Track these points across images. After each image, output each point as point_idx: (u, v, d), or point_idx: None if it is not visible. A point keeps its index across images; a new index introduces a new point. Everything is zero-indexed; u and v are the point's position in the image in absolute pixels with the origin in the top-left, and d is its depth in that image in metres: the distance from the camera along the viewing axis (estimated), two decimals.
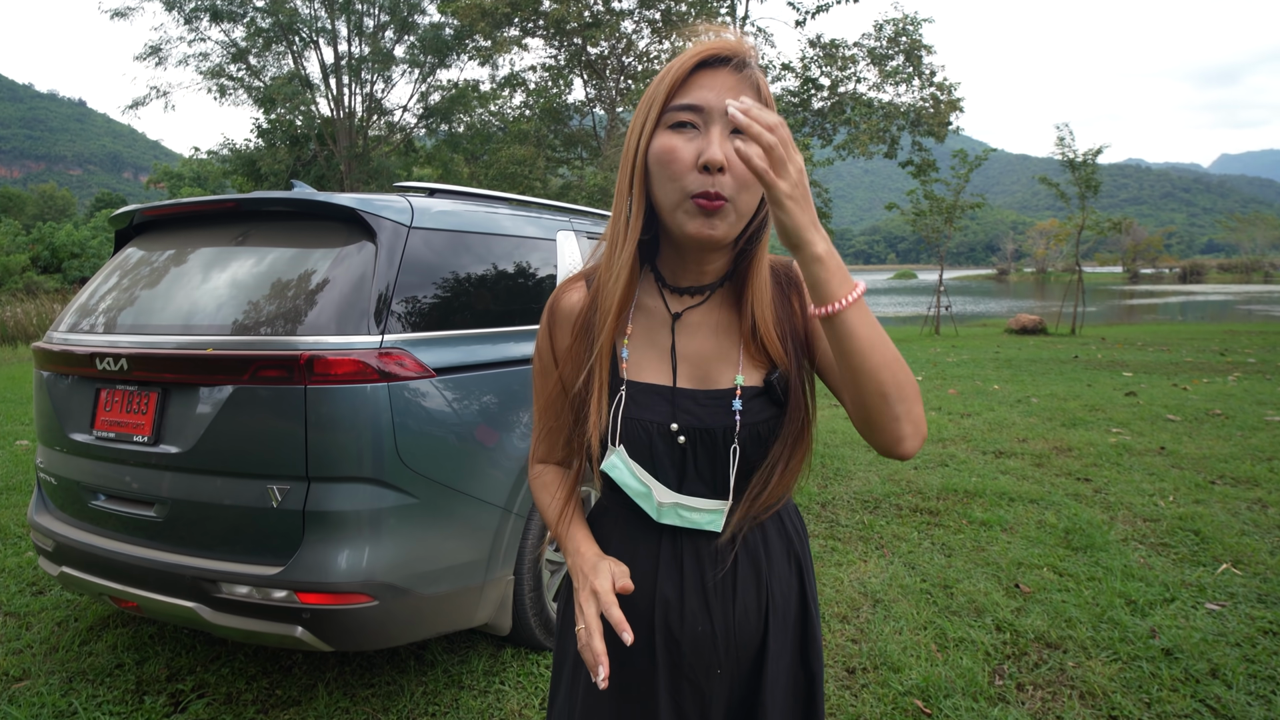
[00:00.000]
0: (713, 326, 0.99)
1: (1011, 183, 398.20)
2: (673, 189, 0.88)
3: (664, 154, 0.88)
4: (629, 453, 0.96)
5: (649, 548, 0.99)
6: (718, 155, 0.84)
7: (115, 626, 2.79)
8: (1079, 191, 18.45)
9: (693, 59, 0.88)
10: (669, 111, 0.88)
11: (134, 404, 2.24)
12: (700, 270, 0.98)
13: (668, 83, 0.88)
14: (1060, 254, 34.21)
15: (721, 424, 0.95)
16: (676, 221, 0.89)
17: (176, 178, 47.57)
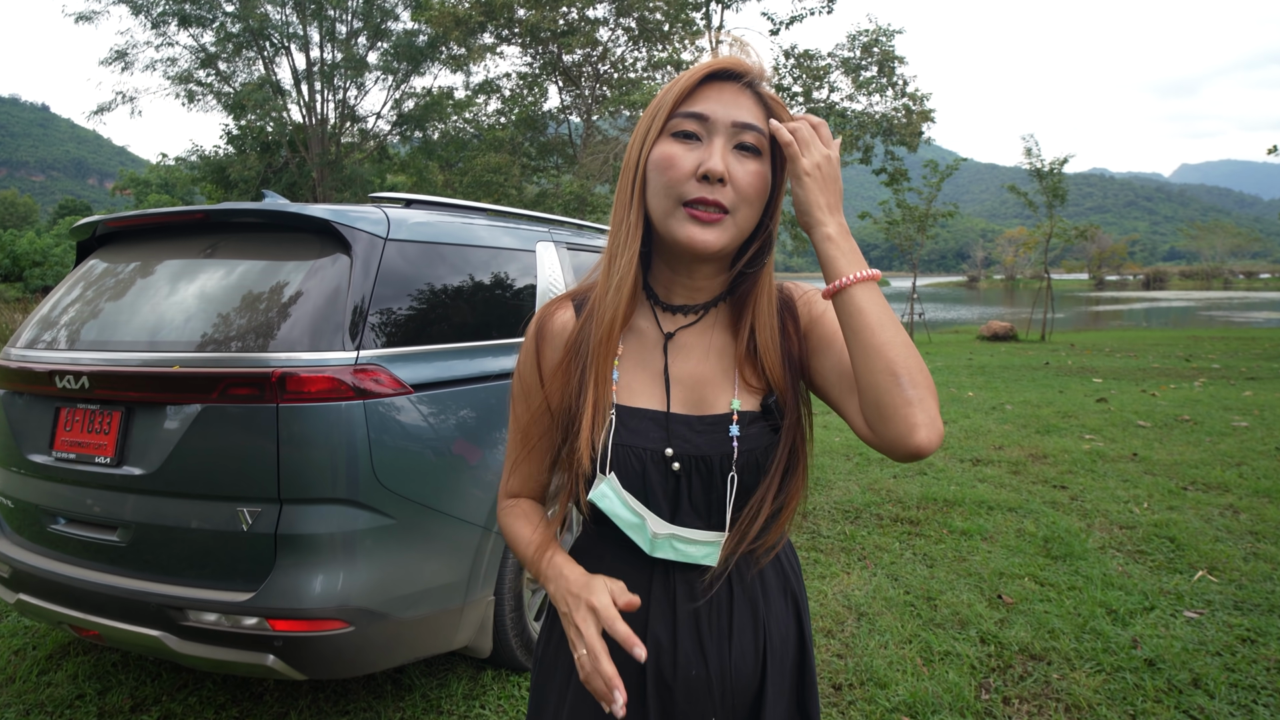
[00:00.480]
0: (706, 349, 0.95)
1: (980, 191, 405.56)
2: (667, 196, 0.86)
3: (662, 160, 0.86)
4: (620, 482, 0.90)
5: (638, 584, 0.92)
6: (719, 165, 0.83)
7: (76, 655, 2.67)
8: (1047, 200, 18.83)
9: (703, 70, 0.87)
10: (673, 119, 0.86)
11: (96, 424, 2.15)
12: (694, 287, 0.94)
13: (675, 91, 0.87)
14: (1029, 261, 34.86)
15: (718, 451, 0.91)
16: (669, 229, 0.86)
17: (143, 184, 46.64)
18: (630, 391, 0.94)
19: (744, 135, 0.86)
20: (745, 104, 0.87)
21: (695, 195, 0.84)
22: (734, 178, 0.84)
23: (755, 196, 0.86)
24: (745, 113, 0.86)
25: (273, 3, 20.49)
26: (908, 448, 0.80)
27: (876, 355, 0.80)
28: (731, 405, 0.92)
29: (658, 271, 0.96)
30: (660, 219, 0.87)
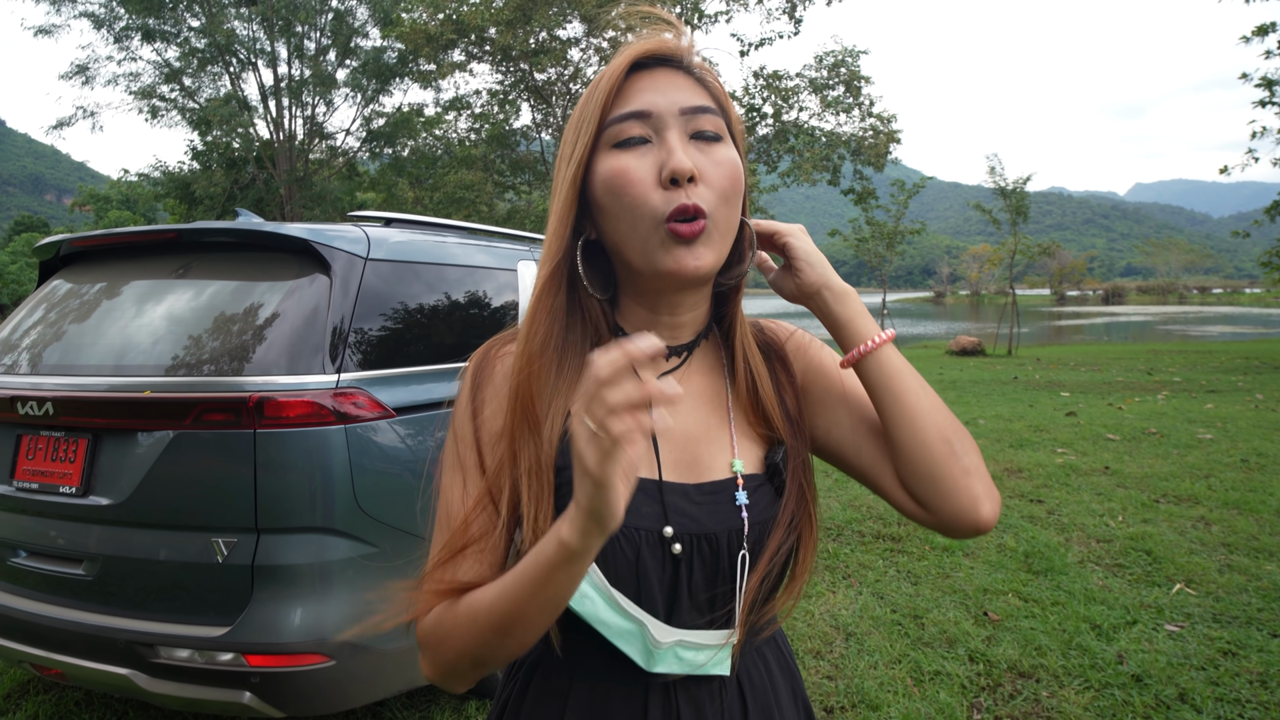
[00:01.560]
0: (695, 397, 0.79)
1: (945, 209, 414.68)
2: (636, 219, 0.69)
3: (614, 178, 0.70)
4: (606, 575, 0.70)
5: (630, 708, 0.72)
6: (684, 161, 0.68)
7: (36, 694, 2.54)
8: (1010, 218, 19.30)
9: (625, 62, 0.72)
10: (609, 128, 0.71)
11: (60, 451, 2.05)
12: (676, 322, 0.78)
13: (600, 95, 0.71)
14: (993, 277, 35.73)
15: (725, 526, 0.73)
16: (650, 260, 0.70)
17: (104, 200, 45.65)
18: None
19: (699, 121, 0.71)
20: (686, 86, 0.73)
21: (671, 208, 0.68)
22: (704, 173, 0.70)
23: (732, 190, 0.72)
24: (690, 95, 0.72)
25: (239, 18, 20.29)
26: (973, 524, 0.72)
27: (925, 421, 0.72)
28: (734, 467, 0.76)
29: (628, 310, 0.79)
30: (630, 249, 0.71)
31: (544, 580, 0.60)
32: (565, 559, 0.58)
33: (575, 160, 0.72)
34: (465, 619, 0.66)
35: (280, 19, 19.75)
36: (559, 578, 0.59)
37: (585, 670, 0.74)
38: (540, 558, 0.60)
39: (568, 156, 0.73)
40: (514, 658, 0.68)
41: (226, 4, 20.04)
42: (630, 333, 0.78)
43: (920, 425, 0.72)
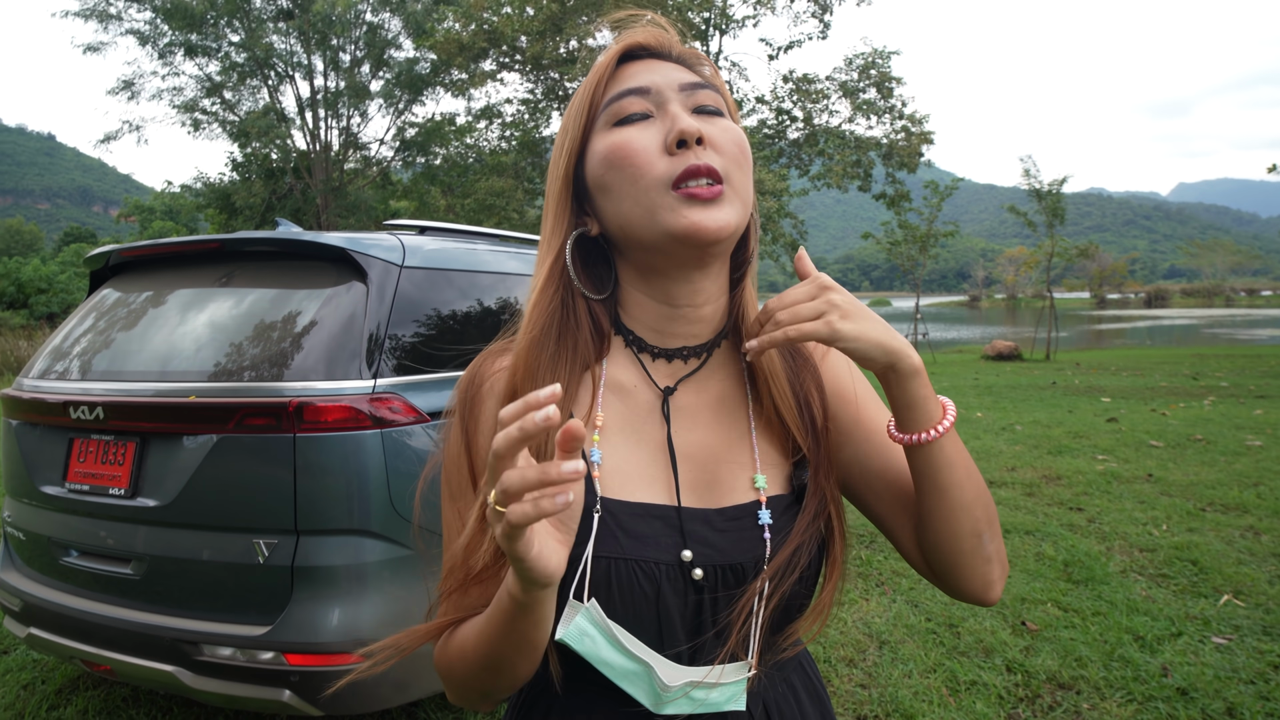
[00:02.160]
0: (713, 406, 0.73)
1: (980, 211, 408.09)
2: (640, 189, 0.65)
3: (614, 151, 0.66)
4: (618, 608, 0.64)
5: None
6: (691, 123, 0.65)
7: (86, 689, 2.62)
8: (1046, 220, 18.92)
9: (615, 51, 0.71)
10: (607, 107, 0.68)
11: (110, 454, 2.13)
12: (695, 315, 0.72)
13: (591, 82, 0.70)
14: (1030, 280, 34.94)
15: (750, 554, 0.67)
16: (662, 226, 0.65)
17: (148, 211, 47.07)
18: (622, 477, 0.68)
19: (698, 96, 0.69)
20: (680, 69, 0.71)
21: (682, 168, 0.64)
22: (713, 139, 0.66)
23: (742, 158, 0.68)
24: (687, 74, 0.71)
25: (278, 33, 20.81)
26: (980, 601, 0.72)
27: (964, 515, 0.68)
28: (757, 484, 0.70)
29: (636, 309, 0.73)
30: (640, 223, 0.66)
31: (508, 627, 0.59)
32: (517, 609, 0.57)
33: (568, 151, 0.70)
34: (458, 655, 0.66)
35: (317, 32, 20.21)
36: (520, 625, 0.58)
37: (594, 699, 0.68)
38: (499, 606, 0.59)
39: (560, 151, 0.71)
40: (515, 688, 0.66)
41: (265, 19, 20.58)
42: (640, 333, 0.73)
43: (957, 520, 0.68)
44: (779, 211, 14.45)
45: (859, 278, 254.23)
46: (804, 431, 0.73)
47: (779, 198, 14.10)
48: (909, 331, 19.69)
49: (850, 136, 16.51)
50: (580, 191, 0.72)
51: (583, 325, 0.71)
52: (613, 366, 0.73)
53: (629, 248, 0.71)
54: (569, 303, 0.71)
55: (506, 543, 0.50)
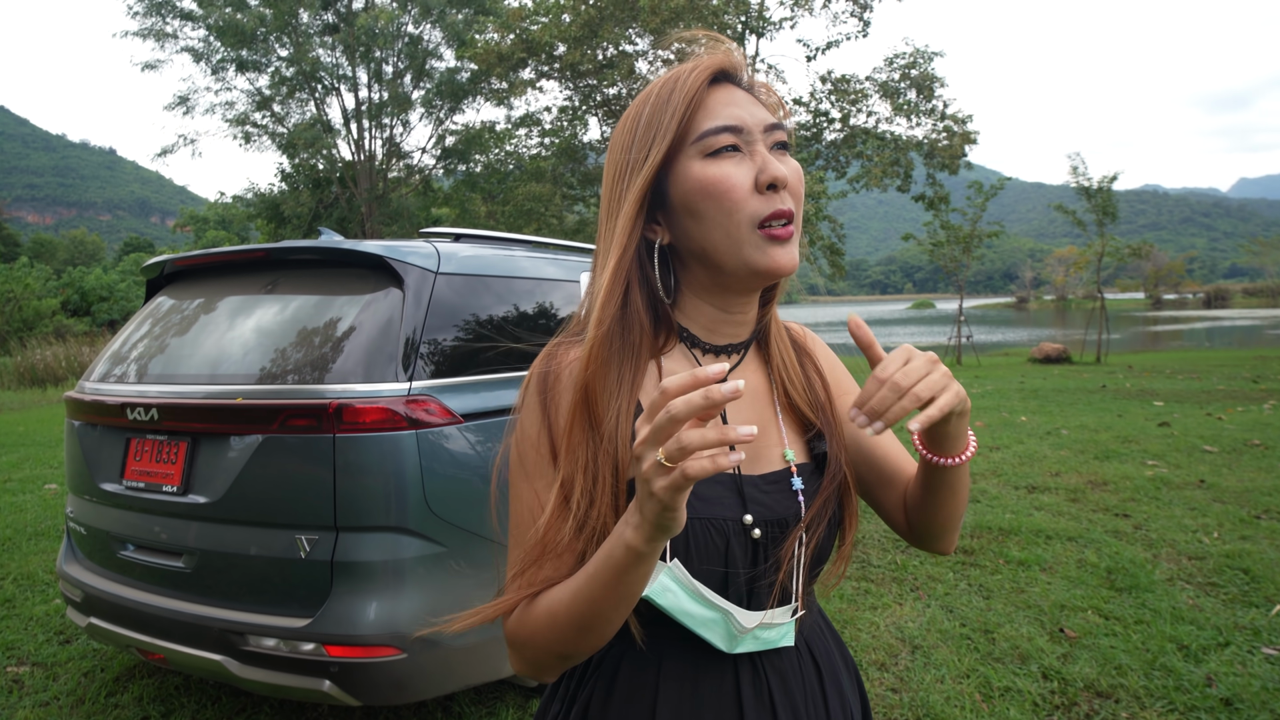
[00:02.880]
0: (752, 394, 0.85)
1: (1027, 210, 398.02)
2: (733, 223, 0.74)
3: (714, 185, 0.74)
4: (694, 562, 0.75)
5: (725, 694, 0.77)
6: (782, 170, 0.74)
7: (141, 678, 2.76)
8: (1096, 218, 18.37)
9: (705, 73, 0.77)
10: (703, 138, 0.75)
11: (164, 454, 2.24)
12: (742, 320, 0.84)
13: (682, 104, 0.75)
14: (1080, 281, 33.94)
15: (790, 511, 0.80)
16: (743, 259, 0.75)
17: (202, 221, 48.80)
18: None
19: (776, 135, 0.78)
20: (755, 103, 0.79)
21: (769, 211, 0.74)
22: (786, 180, 0.76)
23: (803, 193, 0.79)
24: (765, 112, 0.79)
25: (324, 47, 21.41)
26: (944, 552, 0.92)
27: (949, 515, 0.85)
28: (786, 457, 0.84)
29: (693, 310, 0.83)
30: (723, 251, 0.76)
31: (615, 581, 0.64)
32: (633, 561, 0.62)
33: (650, 163, 0.76)
34: (545, 619, 0.71)
35: (361, 45, 20.73)
36: (629, 578, 0.64)
37: (671, 659, 0.77)
38: (610, 561, 0.64)
39: (639, 161, 0.76)
40: (596, 650, 0.72)
41: (312, 33, 21.20)
42: (694, 331, 0.83)
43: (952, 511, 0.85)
44: (816, 214, 14.34)
45: (901, 280, 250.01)
46: (815, 411, 0.87)
47: (816, 200, 13.98)
48: (951, 334, 19.31)
49: (890, 137, 16.29)
50: (654, 203, 0.79)
51: (646, 321, 0.80)
52: (669, 361, 0.83)
53: (702, 264, 0.80)
54: (633, 300, 0.80)
55: (671, 495, 0.56)
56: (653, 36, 16.75)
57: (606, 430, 0.75)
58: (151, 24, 19.96)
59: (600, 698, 0.79)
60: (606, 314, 0.77)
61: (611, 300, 0.77)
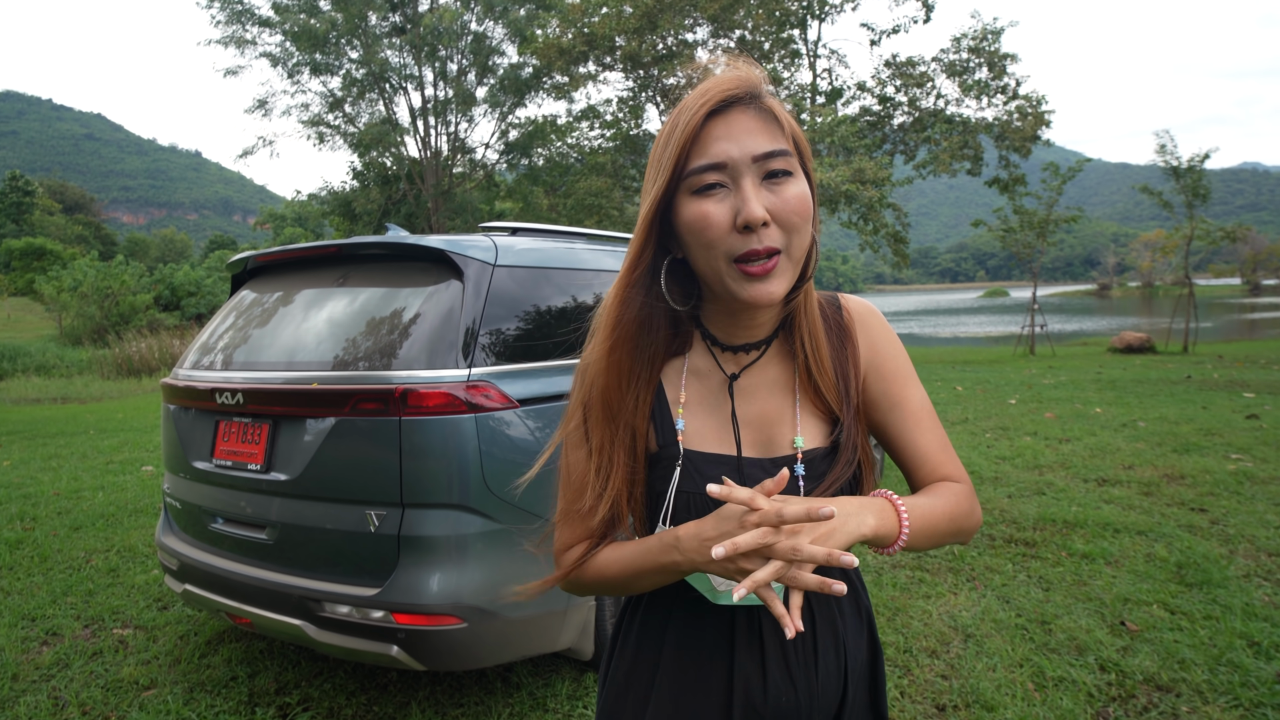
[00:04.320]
0: (770, 385, 0.92)
1: (1111, 193, 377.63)
2: (712, 256, 0.81)
3: (696, 223, 0.80)
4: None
5: (720, 621, 0.90)
6: (758, 212, 0.78)
7: (230, 641, 2.99)
8: (1185, 200, 17.35)
9: (702, 110, 0.79)
10: (690, 176, 0.80)
11: (248, 435, 2.43)
12: (754, 325, 0.91)
13: (678, 143, 0.80)
14: (1168, 266, 32.02)
15: (791, 493, 0.87)
16: (726, 289, 0.82)
17: (280, 219, 51.06)
18: (700, 437, 0.91)
19: (770, 163, 0.80)
20: (756, 128, 0.80)
21: (743, 250, 0.79)
22: (776, 214, 0.79)
23: (803, 221, 0.81)
24: (762, 139, 0.80)
25: (391, 48, 22.07)
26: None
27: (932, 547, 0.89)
28: (795, 443, 0.89)
29: (713, 315, 0.92)
30: (713, 280, 0.84)
31: (654, 573, 0.86)
32: (673, 571, 0.84)
33: (654, 196, 0.83)
34: (595, 574, 0.92)
35: (426, 45, 21.29)
36: (665, 576, 0.86)
37: (683, 599, 0.92)
38: (656, 562, 0.84)
39: (650, 189, 0.84)
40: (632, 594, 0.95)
41: (380, 35, 21.87)
42: (714, 332, 0.92)
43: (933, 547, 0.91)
44: (880, 201, 14.01)
45: (973, 267, 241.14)
46: (840, 402, 0.92)
47: (880, 187, 13.67)
48: (1024, 323, 18.58)
49: (958, 120, 15.76)
50: (667, 227, 0.87)
51: (662, 328, 0.91)
52: (693, 356, 0.94)
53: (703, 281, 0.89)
54: (648, 309, 0.89)
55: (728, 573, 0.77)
56: (712, 24, 16.64)
57: (623, 420, 0.89)
58: (232, 32, 20.97)
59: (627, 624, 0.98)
60: (619, 318, 0.88)
61: (621, 314, 0.88)
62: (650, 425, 0.92)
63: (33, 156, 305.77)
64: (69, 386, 15.35)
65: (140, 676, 2.72)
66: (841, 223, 15.72)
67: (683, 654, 0.91)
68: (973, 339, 27.15)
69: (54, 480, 5.89)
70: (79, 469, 6.35)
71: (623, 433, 0.89)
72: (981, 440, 6.57)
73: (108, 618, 3.24)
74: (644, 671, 0.94)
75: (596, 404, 0.90)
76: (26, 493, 5.47)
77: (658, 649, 0.93)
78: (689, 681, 0.90)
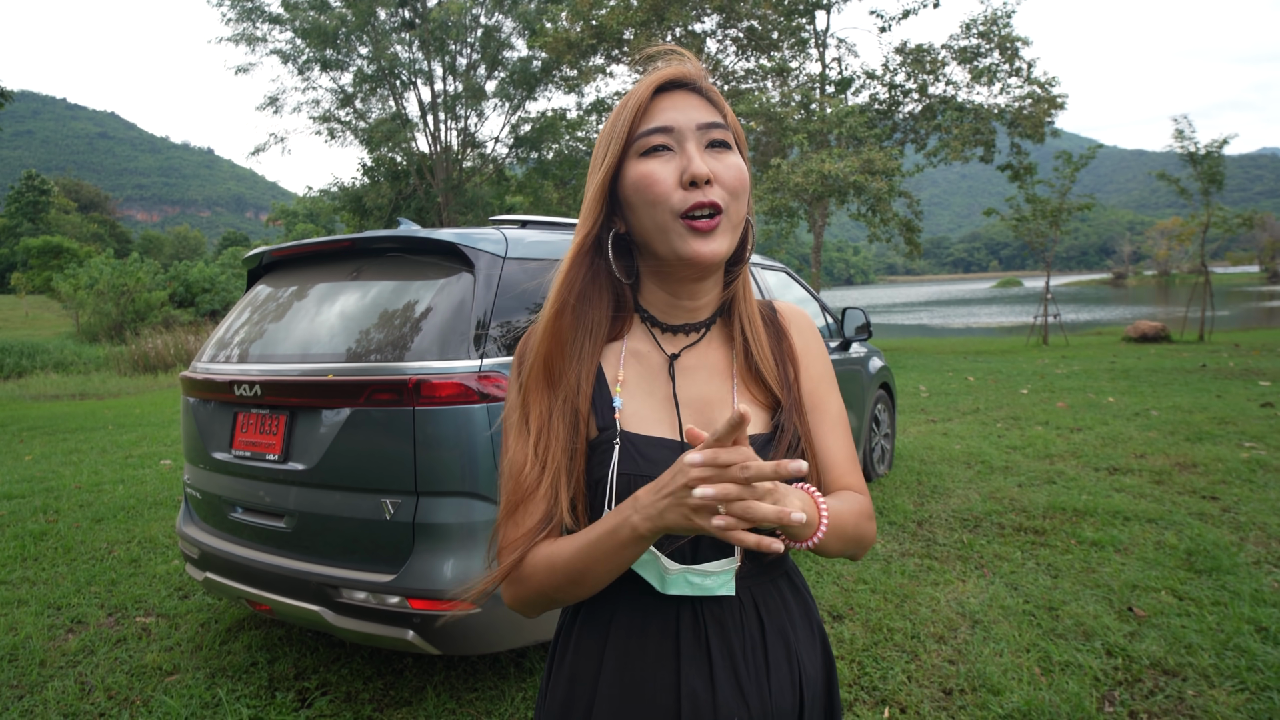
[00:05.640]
0: (710, 368, 0.93)
1: (1126, 180, 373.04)
2: (658, 213, 0.84)
3: (642, 180, 0.84)
4: None
5: (665, 629, 0.85)
6: (702, 167, 0.82)
7: (250, 628, 3.06)
8: (1201, 187, 17.15)
9: (652, 84, 0.86)
10: (638, 139, 0.85)
11: (266, 425, 2.48)
12: (694, 304, 0.92)
13: (629, 111, 0.85)
14: (1185, 254, 31.55)
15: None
16: (670, 247, 0.84)
17: (292, 215, 51.35)
18: (639, 419, 0.89)
19: (712, 133, 0.85)
20: (699, 104, 0.87)
21: (690, 203, 0.82)
22: (718, 175, 0.84)
23: (741, 189, 0.86)
24: (704, 113, 0.86)
25: (401, 43, 22.13)
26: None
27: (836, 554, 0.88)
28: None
29: (651, 295, 0.93)
30: (656, 239, 0.85)
31: (615, 552, 0.77)
32: (633, 541, 0.75)
33: (605, 166, 0.86)
34: (544, 567, 0.82)
35: (435, 40, 21.33)
36: (625, 553, 0.77)
37: (627, 595, 0.87)
38: (614, 536, 0.76)
39: (599, 161, 0.87)
40: (579, 600, 0.85)
41: (389, 30, 21.93)
42: (653, 313, 0.93)
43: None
44: (890, 191, 13.94)
45: (986, 257, 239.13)
46: (780, 384, 0.93)
47: (890, 177, 13.60)
48: (1037, 312, 18.45)
49: (970, 106, 15.64)
50: (613, 199, 0.89)
51: (605, 301, 0.91)
52: (632, 339, 0.94)
53: (648, 253, 0.89)
54: (593, 281, 0.90)
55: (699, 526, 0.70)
56: (721, 15, 16.58)
57: (564, 392, 0.87)
58: (243, 29, 21.10)
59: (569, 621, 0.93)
60: (564, 287, 0.88)
61: (570, 275, 0.89)
62: (590, 410, 0.89)
63: (48, 156, 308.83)
64: (87, 383, 15.57)
65: (163, 662, 2.79)
66: (851, 214, 15.65)
67: (624, 674, 0.86)
68: (985, 329, 26.98)
69: (75, 474, 6.01)
70: (99, 463, 6.47)
71: (563, 405, 0.87)
72: (993, 430, 6.56)
73: (130, 606, 3.32)
74: (582, 695, 0.88)
75: (538, 371, 0.88)
76: (49, 486, 5.59)
77: (595, 670, 0.88)
78: (631, 704, 0.85)
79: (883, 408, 5.16)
